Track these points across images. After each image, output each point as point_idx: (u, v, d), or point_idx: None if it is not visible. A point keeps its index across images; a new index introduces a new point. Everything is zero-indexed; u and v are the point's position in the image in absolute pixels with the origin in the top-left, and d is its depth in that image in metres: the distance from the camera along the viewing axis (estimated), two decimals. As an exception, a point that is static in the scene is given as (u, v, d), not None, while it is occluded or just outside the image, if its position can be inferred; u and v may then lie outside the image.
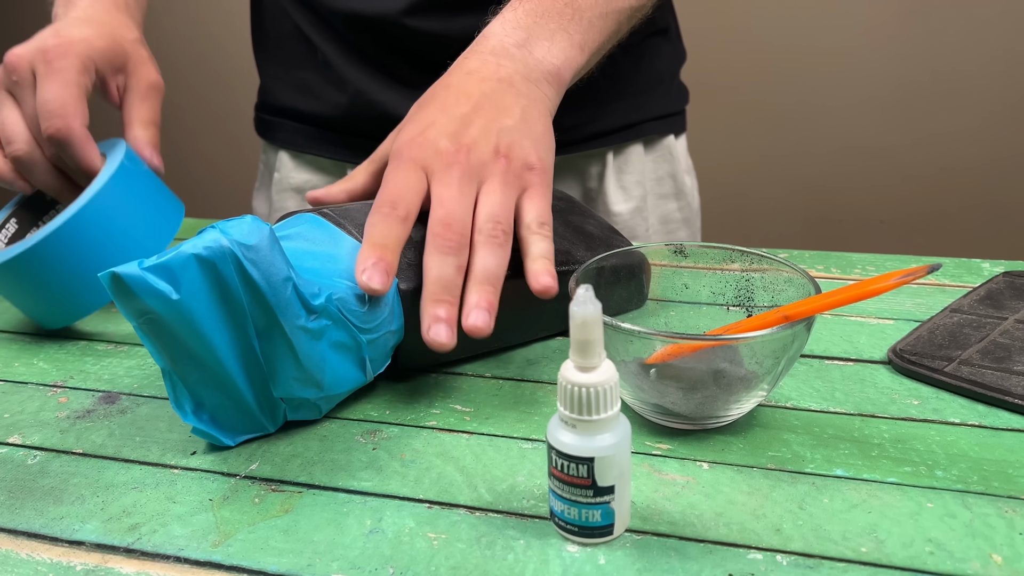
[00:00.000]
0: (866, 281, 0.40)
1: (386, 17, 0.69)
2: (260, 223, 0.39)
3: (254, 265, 0.38)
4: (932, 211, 1.77)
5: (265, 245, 0.38)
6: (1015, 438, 0.41)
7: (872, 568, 0.33)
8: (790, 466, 0.40)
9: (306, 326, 0.40)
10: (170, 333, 0.38)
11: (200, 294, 0.38)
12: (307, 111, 0.77)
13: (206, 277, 0.38)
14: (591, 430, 0.33)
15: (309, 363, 0.41)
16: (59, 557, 0.36)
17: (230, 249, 0.37)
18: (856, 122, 1.75)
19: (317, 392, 0.42)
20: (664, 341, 0.39)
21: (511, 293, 0.46)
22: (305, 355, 0.40)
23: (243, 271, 0.38)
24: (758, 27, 1.74)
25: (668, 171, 0.82)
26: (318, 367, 0.41)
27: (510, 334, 0.51)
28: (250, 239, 0.38)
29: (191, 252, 0.37)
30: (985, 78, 1.66)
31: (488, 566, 0.34)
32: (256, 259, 0.38)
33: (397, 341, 0.46)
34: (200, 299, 0.38)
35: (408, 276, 0.46)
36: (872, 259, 0.63)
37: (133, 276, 0.37)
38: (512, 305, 0.46)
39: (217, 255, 0.37)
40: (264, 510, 0.38)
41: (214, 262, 0.37)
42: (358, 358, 0.43)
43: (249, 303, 0.39)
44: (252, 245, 0.38)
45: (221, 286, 0.38)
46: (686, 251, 0.47)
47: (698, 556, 0.34)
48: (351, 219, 0.48)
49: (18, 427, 0.46)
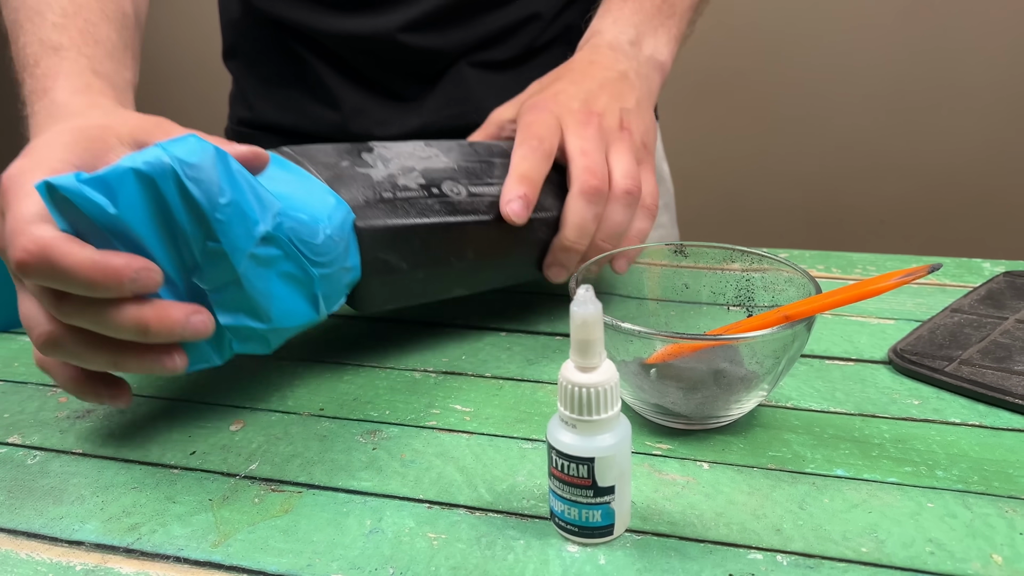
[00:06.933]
0: (866, 281, 0.39)
1: (381, 36, 0.68)
2: (205, 143, 0.37)
3: (196, 184, 0.36)
4: (932, 211, 1.77)
5: (208, 164, 0.36)
6: (1015, 438, 0.41)
7: (872, 568, 0.33)
8: (790, 466, 0.40)
9: (253, 252, 0.38)
10: (108, 247, 0.36)
11: (138, 210, 0.36)
12: (293, 128, 0.75)
13: (145, 193, 0.36)
14: (591, 430, 0.33)
15: (254, 292, 0.39)
16: (59, 557, 0.36)
17: (171, 166, 0.35)
18: (856, 122, 1.75)
19: (264, 324, 0.41)
20: (664, 341, 0.39)
21: (482, 238, 0.48)
22: (251, 283, 0.39)
23: (184, 190, 0.36)
24: (757, 27, 1.74)
25: None
26: (264, 296, 0.40)
27: (473, 281, 0.51)
28: (192, 157, 0.36)
29: (129, 166, 0.35)
30: (985, 78, 1.66)
31: (488, 566, 0.34)
32: (198, 178, 0.36)
33: (352, 279, 0.45)
34: (138, 215, 0.36)
35: (366, 214, 0.45)
36: (872, 259, 0.63)
37: (69, 188, 0.35)
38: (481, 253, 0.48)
39: (157, 171, 0.35)
40: (264, 510, 0.38)
41: (153, 178, 0.35)
42: (309, 293, 0.42)
43: (191, 224, 0.37)
44: (194, 164, 0.36)
45: (160, 204, 0.36)
46: (686, 251, 0.47)
47: (698, 556, 0.34)
48: (310, 157, 0.48)
49: (18, 427, 0.46)
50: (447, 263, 0.48)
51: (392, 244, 0.45)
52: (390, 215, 0.45)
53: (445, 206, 0.47)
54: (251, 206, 0.38)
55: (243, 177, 0.38)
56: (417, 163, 0.49)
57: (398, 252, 0.46)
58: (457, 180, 0.49)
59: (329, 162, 0.47)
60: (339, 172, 0.46)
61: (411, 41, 0.68)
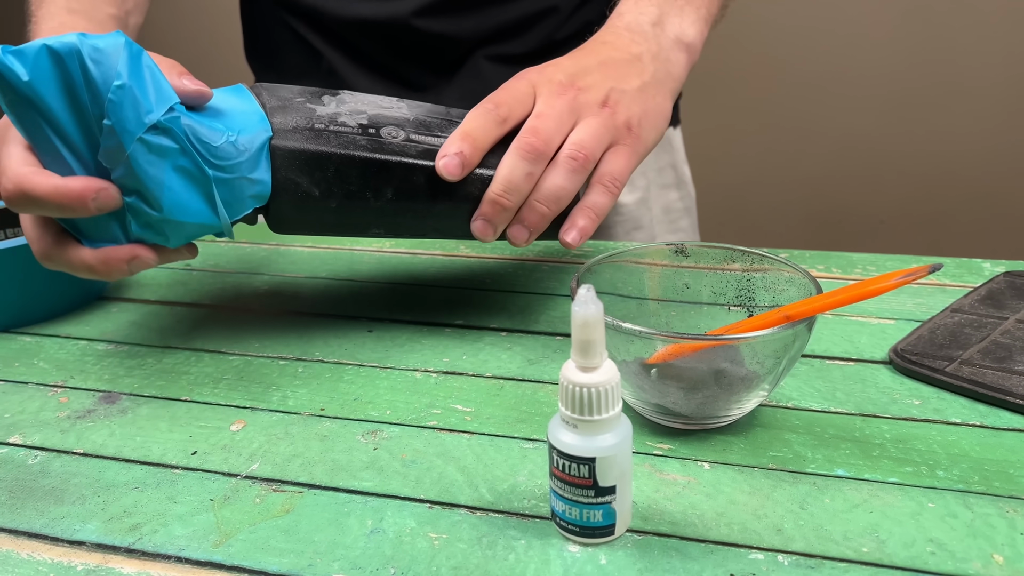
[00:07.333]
0: (867, 281, 0.39)
1: (395, 20, 0.68)
2: (126, 40, 0.41)
3: (96, 65, 0.41)
4: (932, 211, 1.77)
5: (113, 51, 0.41)
6: (1016, 438, 0.41)
7: (873, 568, 0.33)
8: (791, 466, 0.40)
9: (145, 138, 0.42)
10: (31, 118, 0.42)
11: (49, 82, 0.41)
12: None
13: (55, 68, 0.41)
14: (592, 430, 0.33)
15: (145, 178, 0.43)
16: (60, 557, 0.36)
17: (77, 46, 0.40)
18: (856, 122, 1.75)
19: (156, 212, 0.44)
20: (665, 341, 0.39)
21: (406, 181, 0.48)
22: (142, 168, 0.42)
23: (85, 68, 0.41)
24: (758, 27, 1.74)
25: (669, 161, 0.82)
26: (156, 184, 0.43)
27: (393, 224, 0.50)
28: (101, 43, 0.41)
29: (43, 42, 0.40)
30: (985, 78, 1.66)
31: (489, 566, 0.34)
32: (100, 59, 0.41)
33: (258, 192, 0.46)
34: (49, 87, 0.41)
35: (287, 137, 0.46)
36: (872, 259, 0.63)
37: None
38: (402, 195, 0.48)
39: (65, 49, 0.40)
40: (265, 510, 0.38)
41: (62, 55, 0.40)
42: (206, 192, 0.44)
43: (91, 102, 0.41)
44: (100, 48, 0.41)
45: (67, 80, 0.41)
46: (687, 251, 0.47)
47: (699, 556, 0.34)
48: (272, 91, 0.50)
49: (19, 427, 0.46)
50: (362, 198, 0.48)
51: (304, 168, 0.46)
52: (309, 141, 0.47)
53: (372, 144, 0.48)
54: (147, 95, 0.42)
55: (150, 72, 0.42)
56: (372, 109, 0.50)
57: (309, 177, 0.47)
58: (402, 127, 0.49)
59: (285, 96, 0.50)
60: (288, 104, 0.49)
61: (425, 26, 0.68)
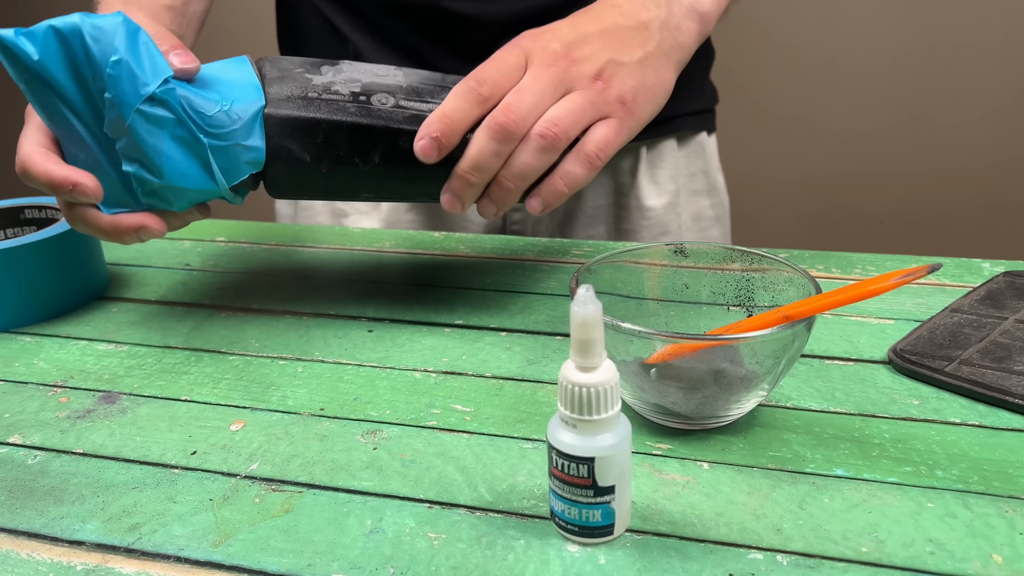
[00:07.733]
0: (866, 281, 0.39)
1: (423, 2, 0.68)
2: (124, 18, 0.44)
3: (95, 41, 0.43)
4: (932, 211, 1.77)
5: (111, 29, 0.44)
6: (1015, 438, 0.41)
7: (873, 568, 0.33)
8: (790, 466, 0.40)
9: (142, 109, 0.44)
10: (45, 95, 0.45)
11: (57, 60, 0.44)
12: None
13: (61, 46, 0.44)
14: (591, 430, 0.33)
15: (146, 147, 0.45)
16: (59, 557, 0.36)
17: (79, 26, 0.43)
18: (856, 122, 1.75)
19: (158, 179, 0.47)
20: (665, 341, 0.39)
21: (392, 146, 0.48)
22: (142, 138, 0.45)
23: (86, 45, 0.43)
24: (758, 28, 1.73)
25: (701, 168, 0.81)
26: (156, 152, 0.46)
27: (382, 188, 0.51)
28: (101, 22, 0.44)
29: (50, 23, 0.43)
30: (985, 78, 1.66)
31: (488, 566, 0.34)
32: (99, 36, 0.43)
33: (253, 159, 0.48)
34: (58, 64, 0.44)
35: (280, 106, 0.48)
36: (872, 259, 0.63)
37: (7, 38, 0.43)
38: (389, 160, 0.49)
39: (68, 28, 0.43)
40: (264, 510, 0.38)
41: (66, 34, 0.43)
42: (203, 159, 0.47)
43: (94, 77, 0.44)
44: (100, 26, 0.44)
45: (72, 57, 0.44)
46: (686, 251, 0.47)
47: (698, 556, 0.34)
48: (274, 63, 0.51)
49: (18, 427, 0.46)
50: (351, 163, 0.49)
51: (295, 135, 0.48)
52: (300, 109, 0.48)
53: (361, 110, 0.48)
54: (143, 69, 0.44)
55: (146, 48, 0.45)
56: (368, 78, 0.51)
57: (300, 143, 0.48)
58: (393, 94, 0.50)
59: (286, 67, 0.51)
60: (287, 75, 0.50)
61: (455, 8, 0.68)
